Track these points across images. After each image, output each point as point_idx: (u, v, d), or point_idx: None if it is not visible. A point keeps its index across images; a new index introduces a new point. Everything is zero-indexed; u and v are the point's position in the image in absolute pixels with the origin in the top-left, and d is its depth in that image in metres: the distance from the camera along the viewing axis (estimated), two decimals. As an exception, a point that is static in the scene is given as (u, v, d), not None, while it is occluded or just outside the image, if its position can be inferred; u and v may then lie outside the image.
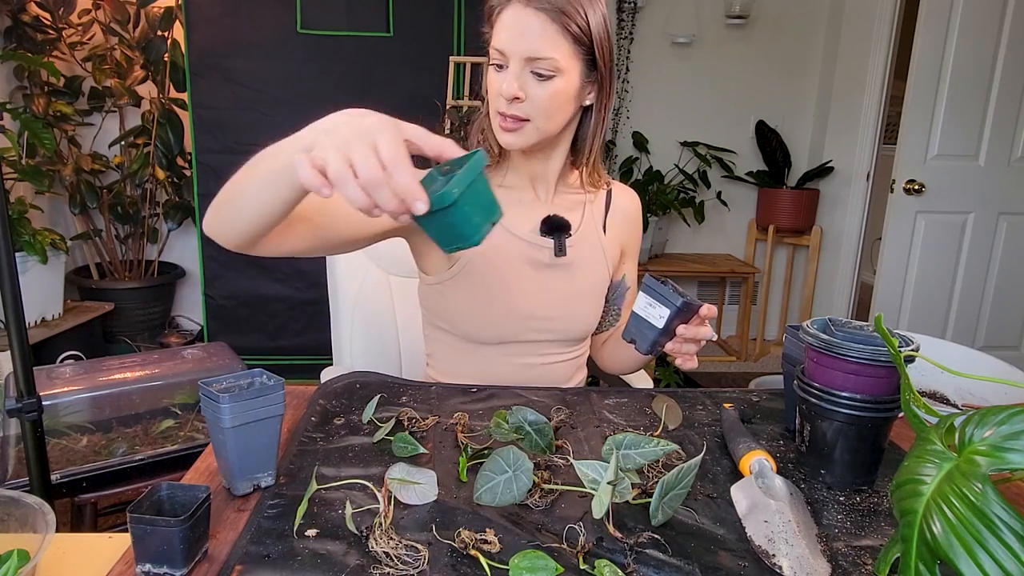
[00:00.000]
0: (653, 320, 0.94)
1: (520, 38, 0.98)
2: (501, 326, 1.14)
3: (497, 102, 1.03)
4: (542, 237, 1.13)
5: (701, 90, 3.56)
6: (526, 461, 0.78)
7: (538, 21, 0.98)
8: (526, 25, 0.98)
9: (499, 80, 1.01)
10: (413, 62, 2.90)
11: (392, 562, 0.66)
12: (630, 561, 0.68)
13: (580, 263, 1.17)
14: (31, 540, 0.64)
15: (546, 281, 1.15)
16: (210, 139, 2.87)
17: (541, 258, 1.14)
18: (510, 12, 0.99)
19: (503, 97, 1.01)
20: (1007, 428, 0.53)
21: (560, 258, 1.14)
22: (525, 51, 0.98)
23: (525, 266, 1.14)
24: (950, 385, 1.19)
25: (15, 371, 1.18)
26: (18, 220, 2.46)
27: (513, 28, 0.99)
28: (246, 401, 0.75)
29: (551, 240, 1.13)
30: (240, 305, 3.00)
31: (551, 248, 1.13)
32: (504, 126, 1.03)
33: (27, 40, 2.79)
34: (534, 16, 0.98)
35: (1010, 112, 2.90)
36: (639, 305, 0.95)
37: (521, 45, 0.98)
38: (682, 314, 0.93)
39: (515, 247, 1.13)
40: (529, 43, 0.98)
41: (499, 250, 1.12)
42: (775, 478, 0.80)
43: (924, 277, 3.06)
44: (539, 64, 0.99)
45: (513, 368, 1.17)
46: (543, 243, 1.13)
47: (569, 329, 1.19)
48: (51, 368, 1.66)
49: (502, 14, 1.00)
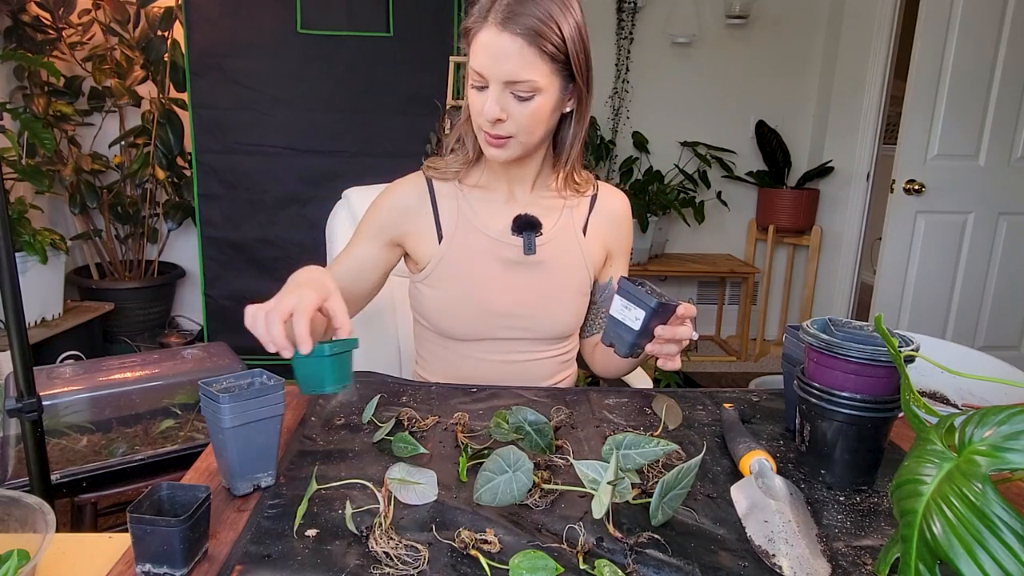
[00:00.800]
0: (629, 322, 0.93)
1: (497, 62, 0.99)
2: (474, 323, 1.17)
3: (479, 120, 1.05)
4: (513, 236, 1.15)
5: (701, 90, 3.56)
6: (526, 461, 0.78)
7: (515, 46, 0.98)
8: (502, 49, 0.98)
9: (480, 100, 1.03)
10: (413, 62, 2.90)
11: (392, 562, 0.66)
12: (630, 561, 0.68)
13: (554, 263, 1.19)
14: (31, 540, 0.64)
15: (516, 279, 1.17)
16: (210, 139, 2.87)
17: (511, 256, 1.16)
18: (486, 35, 0.99)
19: (486, 119, 1.03)
20: (1007, 428, 0.52)
21: (530, 256, 1.15)
22: (503, 75, 1.00)
23: (496, 264, 1.16)
24: (950, 385, 1.19)
25: (15, 371, 1.18)
26: (18, 220, 2.46)
27: (490, 52, 0.99)
28: (246, 401, 0.75)
29: (519, 239, 1.15)
30: (240, 305, 2.95)
31: (519, 246, 1.15)
32: (491, 142, 1.06)
33: (27, 40, 2.79)
34: (510, 41, 0.98)
35: (1010, 112, 2.89)
36: (615, 308, 0.94)
37: (499, 69, 0.99)
38: (658, 315, 0.92)
39: (486, 245, 1.16)
40: (506, 67, 0.99)
41: (471, 248, 1.16)
42: (775, 478, 0.80)
43: (924, 277, 3.06)
44: (518, 87, 1.00)
45: (492, 364, 1.20)
46: (514, 242, 1.16)
47: (544, 327, 1.20)
48: (51, 368, 1.65)
49: (478, 36, 1.00)
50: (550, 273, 1.19)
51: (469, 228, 1.17)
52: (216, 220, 2.94)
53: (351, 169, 2.85)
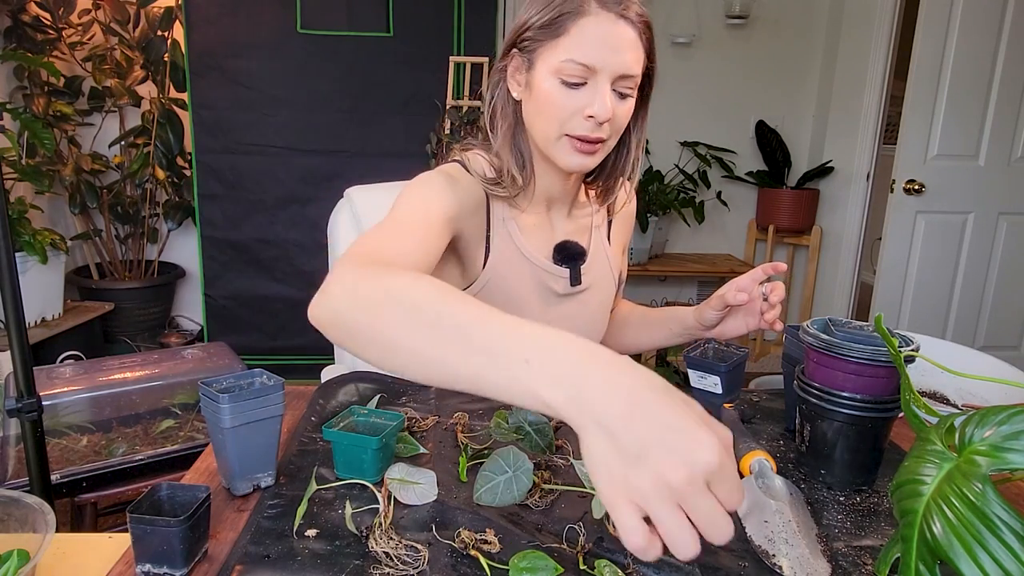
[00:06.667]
0: (711, 389, 0.97)
1: (615, 53, 0.88)
2: None
3: (574, 123, 0.91)
4: (556, 265, 1.07)
5: (701, 90, 3.56)
6: (526, 461, 0.78)
7: (632, 35, 0.89)
8: (621, 39, 0.88)
9: (578, 99, 0.90)
10: (413, 62, 2.90)
11: (392, 562, 0.66)
12: (630, 561, 0.68)
13: (593, 287, 1.12)
14: (31, 540, 0.64)
15: (561, 309, 1.09)
16: (210, 139, 2.87)
17: (556, 288, 1.07)
18: (597, 22, 0.87)
19: (595, 118, 0.90)
20: (1007, 428, 0.52)
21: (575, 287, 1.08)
22: (619, 68, 0.89)
23: (541, 296, 1.07)
24: (950, 385, 1.19)
25: (15, 371, 1.18)
26: (18, 220, 2.46)
27: (606, 41, 0.88)
28: (246, 401, 0.75)
29: (566, 269, 1.07)
30: (240, 305, 3.00)
31: (566, 278, 1.07)
32: (584, 149, 0.93)
33: (27, 40, 2.78)
34: (627, 29, 0.88)
35: (1010, 112, 2.89)
36: (694, 380, 0.98)
37: (615, 61, 0.88)
38: (732, 372, 0.97)
39: (531, 273, 1.06)
40: (623, 59, 0.88)
41: (518, 275, 1.05)
42: (775, 478, 0.80)
43: (924, 277, 3.06)
44: (626, 83, 0.91)
45: None
46: (557, 271, 1.07)
47: None
48: (51, 368, 1.66)
49: (581, 22, 0.88)
50: (590, 298, 1.12)
51: (515, 252, 1.04)
52: (216, 220, 2.95)
53: (351, 169, 2.85)
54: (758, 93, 3.59)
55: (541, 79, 0.92)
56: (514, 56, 0.96)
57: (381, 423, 0.83)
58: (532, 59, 0.93)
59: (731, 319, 1.08)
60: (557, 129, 0.93)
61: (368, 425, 0.84)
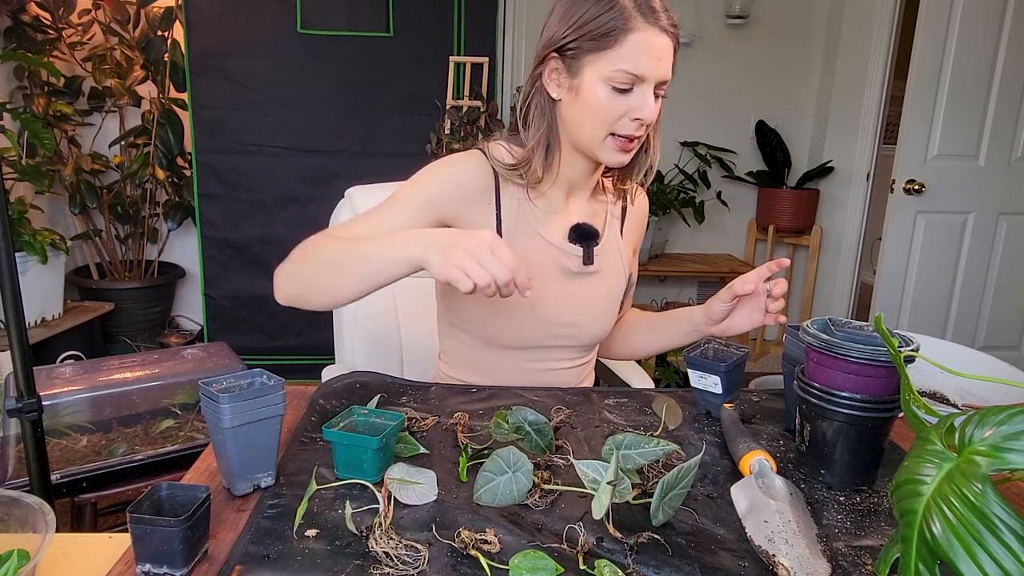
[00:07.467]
0: (711, 388, 1.00)
1: (660, 63, 0.99)
2: (525, 331, 1.14)
3: (620, 124, 1.02)
4: (571, 244, 1.13)
5: (701, 90, 3.55)
6: (526, 461, 0.78)
7: (669, 45, 1.00)
8: (661, 50, 0.99)
9: (627, 103, 1.00)
10: (413, 62, 2.90)
11: (392, 562, 0.66)
12: (630, 561, 0.68)
13: (604, 271, 1.18)
14: (31, 540, 0.64)
15: (573, 289, 1.15)
16: (210, 139, 2.87)
17: (570, 266, 1.14)
18: (645, 36, 0.98)
19: (641, 121, 1.01)
20: (1007, 428, 0.52)
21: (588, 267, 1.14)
22: (661, 75, 1.00)
23: (555, 273, 1.13)
24: (950, 385, 1.19)
25: (15, 371, 1.18)
26: (18, 220, 2.46)
27: (652, 53, 0.98)
28: (246, 401, 0.75)
29: (580, 248, 1.13)
30: (240, 305, 3.00)
31: (580, 256, 1.13)
32: (626, 147, 1.04)
33: (27, 40, 2.79)
34: (666, 40, 1.00)
35: (1010, 112, 2.89)
36: (694, 380, 1.01)
37: (659, 69, 1.00)
38: (732, 372, 0.99)
39: (546, 251, 1.12)
40: (664, 68, 1.00)
41: (531, 253, 1.11)
42: (775, 478, 0.80)
43: (924, 277, 3.06)
44: (662, 86, 1.02)
45: (527, 372, 1.17)
46: (573, 251, 1.13)
47: (588, 335, 1.19)
48: (51, 368, 1.65)
49: (633, 37, 0.98)
50: (600, 281, 1.18)
51: (530, 231, 1.11)
52: (216, 220, 2.95)
53: (351, 169, 2.85)
54: (758, 93, 3.59)
55: (590, 84, 1.01)
56: (551, 59, 1.04)
57: (381, 423, 0.83)
58: (578, 65, 1.01)
59: (738, 314, 1.14)
60: (605, 130, 1.03)
61: (368, 425, 0.84)
